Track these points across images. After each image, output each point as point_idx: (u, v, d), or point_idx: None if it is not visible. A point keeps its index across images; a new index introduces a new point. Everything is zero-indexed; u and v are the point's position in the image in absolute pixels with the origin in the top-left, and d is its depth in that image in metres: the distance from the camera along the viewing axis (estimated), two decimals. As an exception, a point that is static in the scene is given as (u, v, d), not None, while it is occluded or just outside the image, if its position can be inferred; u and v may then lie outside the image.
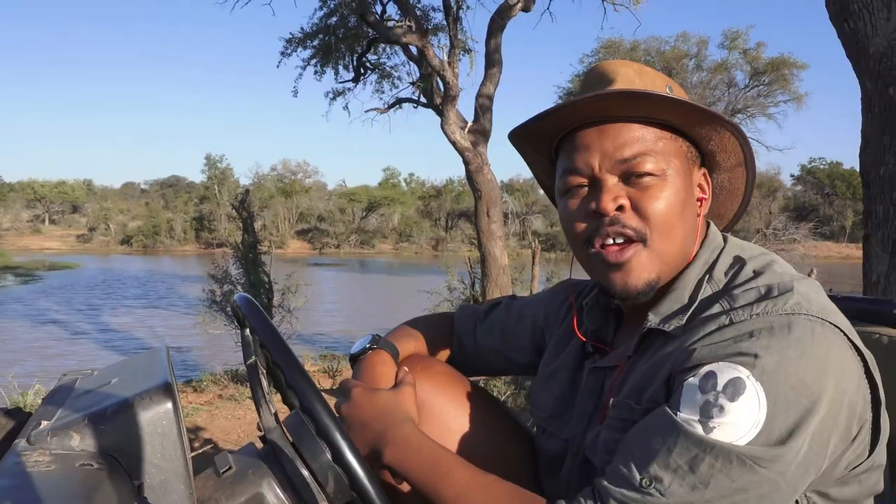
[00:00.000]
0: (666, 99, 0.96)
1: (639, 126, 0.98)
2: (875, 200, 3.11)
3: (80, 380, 0.98)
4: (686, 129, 1.02)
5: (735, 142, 1.04)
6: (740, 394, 0.81)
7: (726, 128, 1.01)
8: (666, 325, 0.97)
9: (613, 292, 1.01)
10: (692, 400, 0.84)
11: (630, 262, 0.98)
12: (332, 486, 0.89)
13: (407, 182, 65.17)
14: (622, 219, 0.97)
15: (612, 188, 0.97)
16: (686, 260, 1.02)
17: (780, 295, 0.88)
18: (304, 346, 11.18)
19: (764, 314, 0.87)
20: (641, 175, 0.96)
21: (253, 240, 8.89)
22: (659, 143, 0.98)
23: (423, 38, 9.98)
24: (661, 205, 0.96)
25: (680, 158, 1.00)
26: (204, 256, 32.24)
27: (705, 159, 1.07)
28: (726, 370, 0.83)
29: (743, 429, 0.80)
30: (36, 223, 59.31)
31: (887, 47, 2.99)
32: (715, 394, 0.82)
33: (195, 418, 5.56)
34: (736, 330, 0.87)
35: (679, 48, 28.46)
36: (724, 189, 1.12)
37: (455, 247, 40.98)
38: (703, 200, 1.06)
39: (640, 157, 0.96)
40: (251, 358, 0.98)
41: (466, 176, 10.13)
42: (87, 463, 0.74)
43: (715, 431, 0.81)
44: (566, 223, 1.04)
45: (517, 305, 1.38)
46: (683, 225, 1.00)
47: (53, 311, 18.65)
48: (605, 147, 0.97)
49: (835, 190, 46.20)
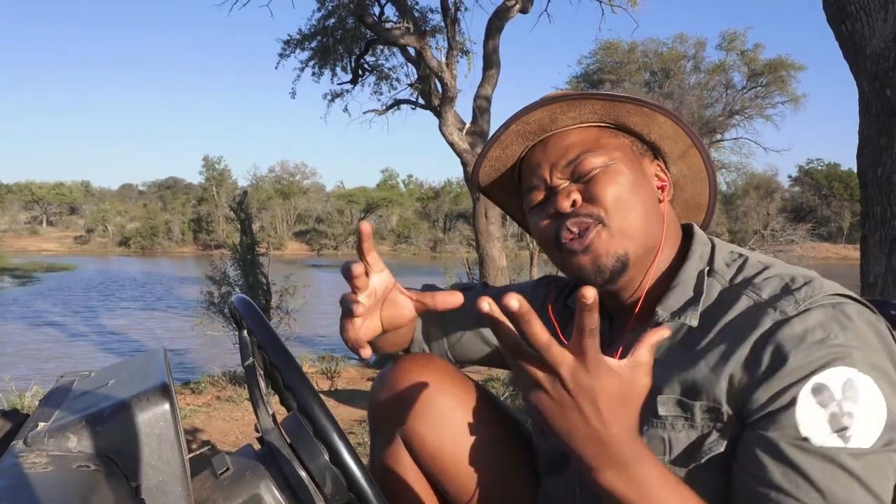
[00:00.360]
0: (581, 95, 1.02)
1: (577, 130, 1.06)
2: (872, 201, 3.11)
3: (77, 381, 0.98)
4: (619, 122, 1.07)
5: (675, 126, 1.07)
6: (860, 392, 0.81)
7: (655, 110, 1.05)
8: (681, 317, 0.97)
9: (587, 276, 1.01)
10: (815, 419, 0.81)
11: (593, 244, 1.00)
12: (329, 487, 0.89)
13: (405, 183, 65.21)
14: (579, 210, 1.01)
15: (563, 189, 1.03)
16: (655, 241, 1.03)
17: (807, 282, 0.90)
18: (302, 348, 11.17)
19: (811, 302, 0.87)
20: (588, 171, 1.02)
21: (251, 241, 8.88)
22: (599, 140, 1.05)
23: (421, 40, 9.99)
24: (610, 187, 1.01)
25: (623, 150, 1.05)
26: (202, 258, 32.23)
27: (658, 152, 1.11)
28: (834, 376, 0.82)
29: (875, 424, 0.80)
30: (34, 225, 59.27)
31: (884, 49, 2.99)
32: (837, 403, 0.81)
33: (193, 420, 5.55)
34: (801, 323, 0.86)
35: (676, 50, 28.53)
36: (686, 176, 1.15)
37: (453, 248, 40.99)
38: (664, 188, 1.08)
39: (583, 156, 1.03)
40: (249, 359, 0.98)
41: (465, 177, 10.14)
42: (84, 464, 0.73)
43: (853, 440, 0.80)
44: (537, 234, 1.09)
45: (493, 294, 1.33)
46: (640, 202, 1.02)
47: (51, 312, 18.62)
48: (550, 158, 1.05)
49: (832, 191, 46.31)
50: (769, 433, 0.84)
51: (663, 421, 0.95)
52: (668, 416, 0.94)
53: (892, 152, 3.00)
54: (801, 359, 0.84)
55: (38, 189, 62.15)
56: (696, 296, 0.98)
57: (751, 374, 0.87)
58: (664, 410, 0.95)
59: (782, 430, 0.83)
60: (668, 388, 0.95)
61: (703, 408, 0.91)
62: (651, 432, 0.96)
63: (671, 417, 0.94)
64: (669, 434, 0.94)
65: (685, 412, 0.93)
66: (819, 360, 0.83)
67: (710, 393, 0.91)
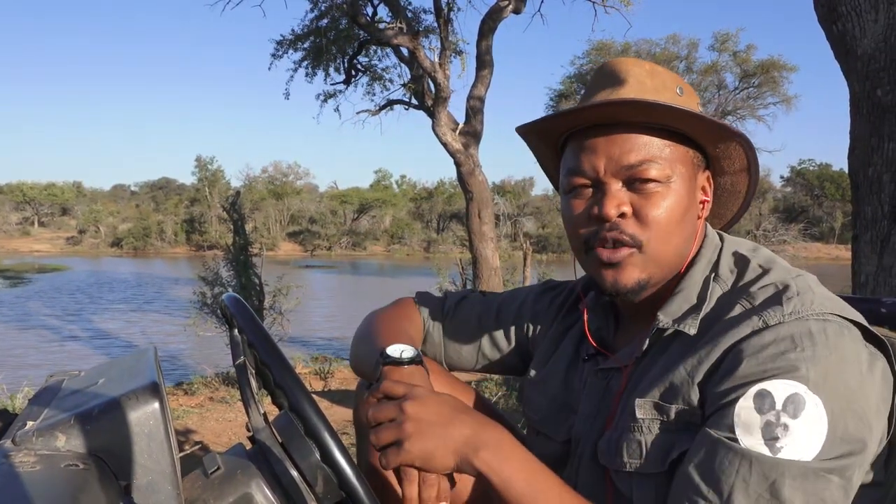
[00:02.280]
0: (679, 112, 0.95)
1: (647, 131, 0.98)
2: (863, 201, 3.13)
3: (66, 380, 0.97)
4: (694, 137, 1.01)
5: (740, 149, 1.03)
6: (801, 409, 0.81)
7: (734, 138, 1.01)
8: (681, 325, 0.97)
9: (604, 288, 1.01)
10: (750, 423, 0.82)
11: (623, 262, 0.98)
12: (321, 486, 0.89)
13: (398, 184, 65.16)
14: (621, 225, 0.97)
15: (615, 194, 0.97)
16: (682, 262, 1.02)
17: (799, 294, 0.89)
18: (295, 349, 11.15)
19: (796, 315, 0.87)
20: (646, 181, 0.96)
21: (244, 242, 8.87)
22: (665, 149, 0.98)
23: (414, 40, 9.99)
24: (663, 213, 0.97)
25: (685, 164, 1.00)
26: (195, 259, 32.15)
27: (710, 163, 1.07)
28: (781, 387, 0.82)
29: (811, 443, 0.80)
30: (25, 226, 58.94)
31: (875, 49, 3.01)
32: (775, 413, 0.81)
33: (186, 421, 5.53)
34: (774, 333, 0.86)
35: (669, 50, 28.60)
36: (725, 191, 1.12)
37: (447, 248, 40.97)
38: (706, 203, 1.06)
39: (646, 164, 0.96)
40: (240, 358, 0.98)
41: (458, 178, 10.14)
42: (73, 463, 0.73)
43: (783, 451, 0.80)
44: (568, 223, 1.05)
45: (492, 301, 1.35)
46: (682, 231, 1.00)
47: (43, 314, 18.51)
48: (611, 152, 0.97)
49: (824, 191, 46.50)
50: (707, 426, 0.87)
51: (640, 424, 0.96)
52: (644, 419, 0.95)
53: (883, 152, 3.02)
54: (753, 366, 0.85)
55: (29, 189, 61.82)
56: (699, 303, 0.98)
57: (713, 377, 0.89)
58: (641, 413, 0.96)
59: (718, 424, 0.85)
60: (649, 392, 0.96)
61: (677, 410, 0.92)
62: (629, 436, 0.96)
63: (647, 420, 0.95)
64: (645, 437, 0.95)
65: (661, 415, 0.94)
66: (771, 369, 0.84)
67: (685, 396, 0.92)
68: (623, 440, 0.97)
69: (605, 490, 1.00)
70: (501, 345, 1.32)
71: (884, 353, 0.90)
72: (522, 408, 1.24)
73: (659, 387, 0.95)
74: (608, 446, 0.99)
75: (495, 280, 9.87)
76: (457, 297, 1.39)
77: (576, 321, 1.21)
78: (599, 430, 1.04)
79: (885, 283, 2.99)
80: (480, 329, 1.32)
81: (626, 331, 1.11)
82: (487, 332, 1.32)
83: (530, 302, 1.31)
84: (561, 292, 1.30)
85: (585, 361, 1.13)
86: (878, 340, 0.90)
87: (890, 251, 3.00)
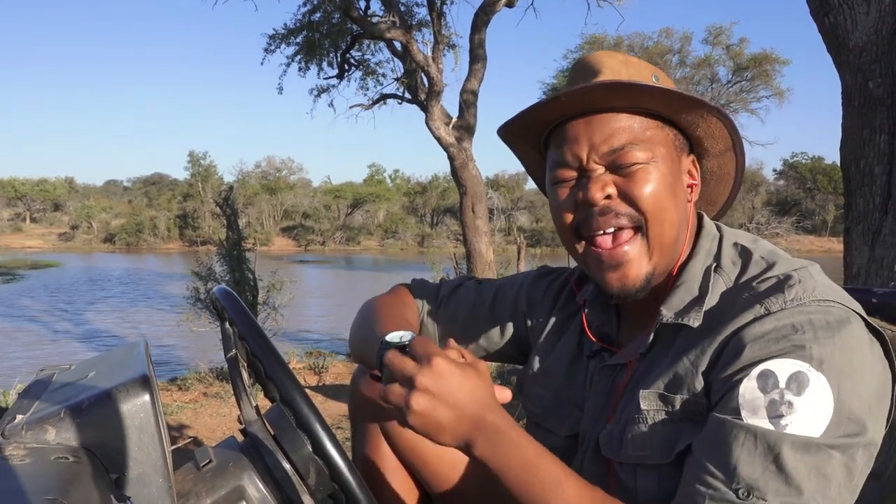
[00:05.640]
0: (649, 88, 0.96)
1: (626, 116, 0.98)
2: (855, 194, 3.14)
3: (57, 374, 0.97)
4: (672, 117, 1.02)
5: (722, 127, 1.04)
6: (806, 387, 0.81)
7: (712, 113, 1.01)
8: (684, 318, 0.96)
9: (610, 293, 1.01)
10: (755, 402, 0.83)
11: (625, 258, 0.98)
12: (313, 477, 0.89)
13: (392, 178, 64.98)
14: (613, 205, 0.97)
15: (599, 177, 0.98)
16: (679, 248, 1.02)
17: (801, 282, 0.90)
18: (289, 344, 11.13)
19: (798, 302, 0.87)
20: (629, 165, 0.97)
21: (237, 237, 8.84)
22: (646, 132, 0.99)
23: (407, 34, 9.96)
24: (649, 189, 0.97)
25: (667, 146, 1.01)
26: (188, 254, 32.01)
27: (694, 146, 1.07)
28: (785, 366, 0.83)
29: (817, 420, 0.80)
30: (17, 221, 58.58)
31: (867, 42, 3.02)
32: (779, 391, 0.82)
33: (180, 416, 5.52)
34: (776, 320, 0.86)
35: (662, 44, 28.62)
36: (714, 174, 1.12)
37: (440, 243, 40.98)
38: (694, 187, 1.06)
39: (628, 147, 0.97)
40: (231, 350, 0.98)
41: (451, 172, 10.13)
42: (63, 456, 0.72)
43: (789, 428, 0.80)
44: (555, 214, 1.05)
45: (487, 288, 1.34)
46: (676, 209, 0.99)
47: (36, 310, 18.44)
48: (592, 138, 0.98)
49: (816, 184, 46.58)
50: (714, 411, 0.87)
51: (644, 415, 0.95)
52: (649, 410, 0.95)
53: (875, 144, 3.03)
54: (756, 349, 0.86)
55: (21, 185, 61.38)
56: (701, 295, 0.98)
57: (717, 365, 0.89)
58: (646, 405, 0.96)
59: (724, 408, 0.86)
60: (654, 384, 0.96)
61: (682, 401, 0.92)
62: (633, 427, 0.96)
63: (652, 411, 0.95)
64: (650, 428, 0.95)
65: (666, 405, 0.94)
66: (774, 350, 0.84)
67: (690, 386, 0.92)
68: (627, 431, 0.97)
69: (609, 482, 0.99)
70: (496, 334, 1.31)
71: (881, 345, 0.90)
72: (521, 401, 1.23)
73: (664, 378, 0.95)
74: (611, 437, 0.99)
75: (489, 274, 9.86)
76: (452, 285, 1.38)
77: (576, 312, 1.20)
78: (604, 424, 1.03)
79: (876, 274, 3.01)
80: (476, 318, 1.31)
81: (630, 325, 1.10)
82: (483, 322, 1.31)
83: (526, 289, 1.30)
84: (556, 279, 1.29)
85: (590, 358, 1.12)
86: (877, 332, 0.90)
87: (881, 243, 3.01)
